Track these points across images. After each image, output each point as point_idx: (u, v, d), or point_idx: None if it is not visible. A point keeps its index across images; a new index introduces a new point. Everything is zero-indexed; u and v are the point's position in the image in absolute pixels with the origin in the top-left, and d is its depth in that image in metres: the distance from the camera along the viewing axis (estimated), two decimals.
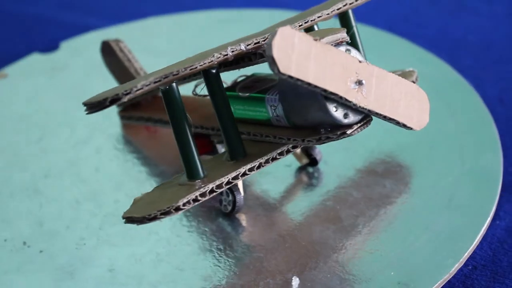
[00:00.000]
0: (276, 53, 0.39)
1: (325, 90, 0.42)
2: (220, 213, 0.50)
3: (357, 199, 0.51)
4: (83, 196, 0.53)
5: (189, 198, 0.43)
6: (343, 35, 0.44)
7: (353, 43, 0.51)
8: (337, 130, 0.44)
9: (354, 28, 0.51)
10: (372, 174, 0.52)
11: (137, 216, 0.43)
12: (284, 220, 0.50)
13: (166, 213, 0.43)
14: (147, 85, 0.42)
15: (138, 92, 0.42)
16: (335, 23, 0.52)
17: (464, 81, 0.59)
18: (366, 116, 0.45)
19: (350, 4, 0.49)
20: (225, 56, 0.44)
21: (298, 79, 0.40)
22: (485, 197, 0.50)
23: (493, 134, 0.54)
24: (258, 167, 0.46)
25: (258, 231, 0.49)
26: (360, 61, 0.43)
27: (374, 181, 0.52)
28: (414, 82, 0.50)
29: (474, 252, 0.49)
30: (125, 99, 0.41)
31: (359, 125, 0.44)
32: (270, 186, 0.52)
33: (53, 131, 0.58)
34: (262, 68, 0.48)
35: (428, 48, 0.64)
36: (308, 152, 0.52)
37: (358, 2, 0.49)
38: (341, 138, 0.45)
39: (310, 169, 0.53)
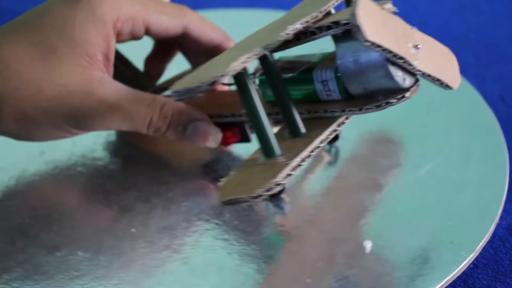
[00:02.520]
0: (361, 21, 0.42)
1: (395, 55, 0.44)
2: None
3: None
4: None
5: (285, 173, 0.44)
6: (391, 5, 0.46)
7: None
8: (396, 94, 0.46)
9: None
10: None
11: (241, 196, 0.43)
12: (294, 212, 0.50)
13: (269, 189, 0.43)
14: (248, 59, 0.43)
15: (225, 76, 0.42)
16: None
17: (464, 82, 0.59)
18: (416, 80, 0.46)
19: None
20: (287, 35, 0.45)
21: (378, 45, 0.42)
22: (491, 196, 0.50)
23: (498, 137, 0.55)
24: (325, 140, 0.47)
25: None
26: (411, 28, 0.45)
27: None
28: None
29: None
30: (224, 80, 0.42)
31: (414, 88, 0.46)
32: None
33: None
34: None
35: None
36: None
37: None
38: (400, 102, 0.46)
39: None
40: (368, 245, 0.47)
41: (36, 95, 0.48)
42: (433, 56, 0.46)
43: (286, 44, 0.47)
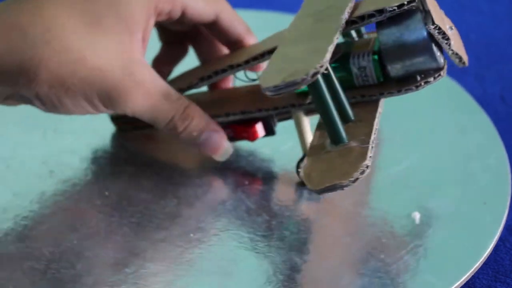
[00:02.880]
0: (430, 8, 0.46)
1: (445, 37, 0.46)
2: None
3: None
4: None
5: (369, 155, 0.45)
6: None
7: None
8: (432, 74, 0.48)
9: None
10: None
11: (338, 182, 0.44)
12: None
13: (363, 172, 0.44)
14: (332, 49, 0.44)
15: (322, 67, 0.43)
16: None
17: (455, 84, 0.60)
18: (445, 59, 0.48)
19: None
20: (344, 20, 0.46)
21: (439, 29, 0.46)
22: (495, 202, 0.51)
23: (494, 136, 0.55)
24: (377, 123, 0.48)
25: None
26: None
27: None
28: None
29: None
30: (322, 70, 0.43)
31: (445, 67, 0.48)
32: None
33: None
34: None
35: None
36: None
37: None
38: (437, 80, 0.48)
39: None
40: (417, 216, 0.49)
41: (77, 63, 0.47)
42: (455, 36, 0.48)
43: None
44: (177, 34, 0.55)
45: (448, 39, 0.47)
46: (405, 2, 0.46)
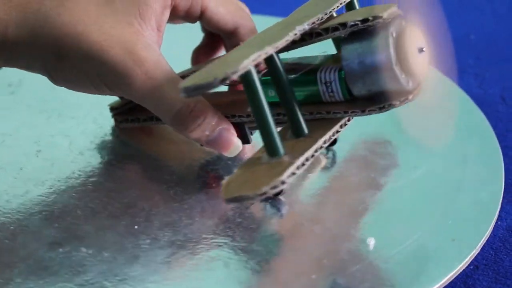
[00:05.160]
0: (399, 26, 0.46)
1: (405, 58, 0.45)
2: None
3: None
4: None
5: (290, 171, 0.44)
6: (396, 9, 0.46)
7: None
8: (399, 97, 0.46)
9: None
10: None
11: (246, 193, 0.43)
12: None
13: (274, 187, 0.43)
14: (259, 57, 0.43)
15: (239, 72, 0.43)
16: None
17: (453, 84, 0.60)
18: (419, 83, 0.47)
19: None
20: (302, 31, 0.46)
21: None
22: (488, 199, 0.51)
23: (492, 140, 0.55)
24: (328, 140, 0.47)
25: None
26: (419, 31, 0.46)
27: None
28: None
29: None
30: (235, 76, 0.42)
31: (416, 91, 0.46)
32: None
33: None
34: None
35: None
36: None
37: None
38: (403, 104, 0.47)
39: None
40: (371, 242, 0.47)
41: (81, 36, 0.47)
42: (423, 59, 0.47)
43: (292, 44, 0.47)
44: None
45: (407, 60, 0.45)
46: (370, 18, 0.45)
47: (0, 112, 0.59)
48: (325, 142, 0.47)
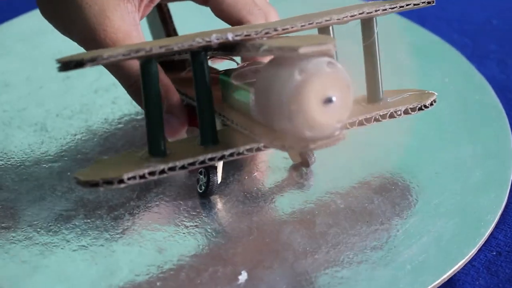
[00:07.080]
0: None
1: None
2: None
3: (339, 209, 0.49)
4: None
5: (136, 174, 0.43)
6: (328, 47, 0.40)
7: (370, 52, 0.50)
8: (297, 142, 0.42)
9: (375, 35, 0.50)
10: (365, 187, 0.51)
11: (81, 179, 0.43)
12: (259, 212, 0.49)
13: (109, 183, 0.42)
14: (113, 57, 0.42)
15: (103, 61, 0.42)
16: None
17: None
18: (327, 135, 0.42)
19: (368, 13, 0.47)
20: (208, 43, 0.44)
21: None
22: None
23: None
24: (220, 158, 0.45)
25: (229, 217, 0.49)
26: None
27: (364, 195, 0.50)
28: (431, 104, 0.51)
29: (498, 238, 0.49)
30: (88, 65, 0.41)
31: (323, 141, 0.42)
32: (260, 174, 0.52)
33: (81, 72, 0.59)
34: None
35: (451, 32, 0.63)
36: (301, 152, 0.51)
37: (374, 13, 0.48)
38: (304, 151, 0.46)
39: (304, 168, 0.52)
40: (242, 276, 0.46)
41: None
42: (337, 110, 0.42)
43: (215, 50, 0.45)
44: None
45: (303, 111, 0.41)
46: (286, 47, 0.40)
47: None
48: (211, 160, 0.45)
